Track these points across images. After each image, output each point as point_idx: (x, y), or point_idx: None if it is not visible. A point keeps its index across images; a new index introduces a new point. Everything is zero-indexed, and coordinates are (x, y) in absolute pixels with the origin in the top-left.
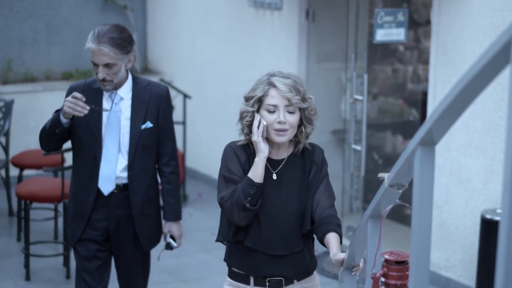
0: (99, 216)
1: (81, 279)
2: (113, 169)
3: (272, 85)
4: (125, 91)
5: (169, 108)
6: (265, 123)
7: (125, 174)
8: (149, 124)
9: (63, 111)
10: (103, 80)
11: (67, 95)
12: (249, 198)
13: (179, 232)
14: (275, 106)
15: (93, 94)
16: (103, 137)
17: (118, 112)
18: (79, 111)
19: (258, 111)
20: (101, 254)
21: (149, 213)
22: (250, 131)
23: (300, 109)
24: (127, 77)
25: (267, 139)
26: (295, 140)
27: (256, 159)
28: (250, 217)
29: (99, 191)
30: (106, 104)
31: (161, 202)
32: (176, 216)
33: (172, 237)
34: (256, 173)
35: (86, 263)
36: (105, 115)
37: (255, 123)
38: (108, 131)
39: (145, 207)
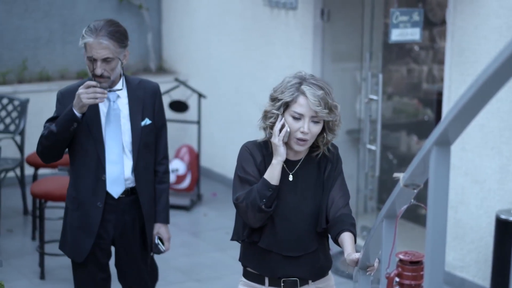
0: (106, 226)
1: None
2: (120, 170)
3: (302, 93)
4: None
5: (162, 104)
6: (288, 129)
7: (131, 176)
8: (147, 121)
9: (82, 104)
10: (101, 76)
11: (57, 101)
12: (264, 200)
13: (168, 234)
14: (301, 114)
15: None
16: (105, 137)
17: (117, 110)
18: (100, 97)
19: (283, 114)
20: (103, 276)
21: (153, 215)
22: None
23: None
24: (121, 75)
25: (286, 142)
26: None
27: (274, 161)
28: (264, 218)
29: (106, 196)
30: (102, 105)
31: None
32: (166, 219)
33: (160, 240)
34: (273, 175)
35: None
36: (103, 115)
37: (278, 125)
38: (109, 131)
39: (151, 208)
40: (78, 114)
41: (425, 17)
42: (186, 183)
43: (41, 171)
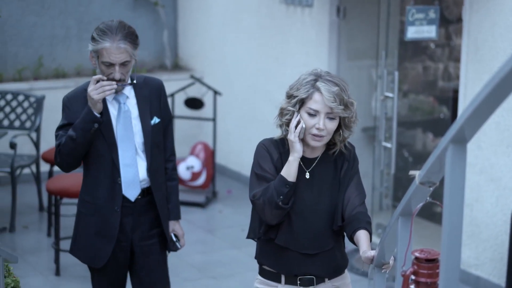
0: (124, 229)
1: None
2: (135, 173)
3: (317, 89)
4: (128, 89)
5: (167, 101)
6: (304, 126)
7: (146, 177)
8: (156, 119)
9: (94, 102)
10: (119, 80)
11: (64, 108)
12: (281, 197)
13: (182, 231)
14: (316, 111)
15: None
16: (117, 140)
17: (127, 112)
18: (109, 89)
19: (299, 111)
20: (122, 278)
21: (167, 213)
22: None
23: (341, 116)
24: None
25: (302, 138)
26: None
27: (290, 158)
28: (281, 215)
29: (123, 199)
30: (112, 107)
31: None
32: (179, 215)
33: (176, 237)
34: (290, 172)
35: None
36: (114, 117)
37: (294, 122)
38: (121, 133)
39: (165, 206)
40: (97, 114)
41: (441, 15)
42: (201, 180)
43: (57, 168)
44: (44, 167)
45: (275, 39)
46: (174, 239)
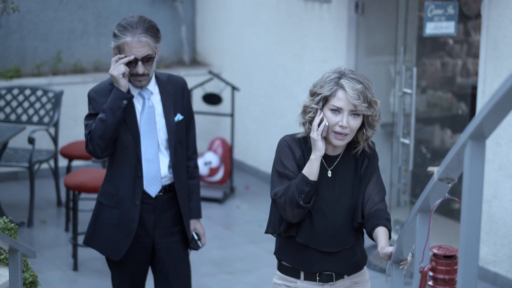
0: (145, 225)
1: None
2: (157, 169)
3: (341, 87)
4: (153, 85)
5: (190, 99)
6: (327, 123)
7: (168, 173)
8: (180, 117)
9: (116, 79)
10: (142, 75)
11: (91, 100)
12: (303, 196)
13: (203, 230)
14: (340, 108)
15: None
16: (141, 135)
17: (152, 108)
18: (125, 61)
19: (322, 108)
20: (142, 273)
21: (188, 211)
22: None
23: (364, 114)
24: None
25: (324, 137)
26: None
27: (312, 157)
28: (303, 214)
29: (144, 195)
30: (137, 102)
31: None
32: (199, 214)
33: (197, 235)
34: (311, 170)
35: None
36: (138, 112)
37: (317, 120)
38: (144, 128)
39: (187, 204)
40: (123, 89)
41: (459, 11)
42: (219, 175)
43: (75, 163)
44: (62, 162)
45: (294, 34)
46: (196, 237)
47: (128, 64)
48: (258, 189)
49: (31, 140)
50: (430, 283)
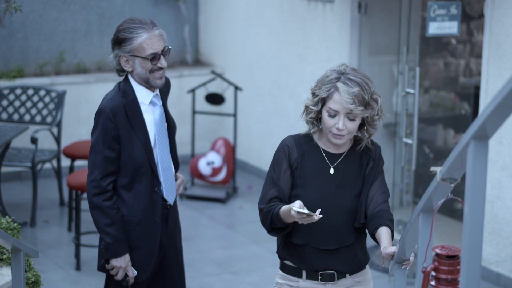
0: (161, 241)
1: None
2: (172, 175)
3: (337, 89)
4: (156, 90)
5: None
6: (306, 212)
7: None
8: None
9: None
10: (163, 69)
11: (106, 121)
12: (278, 228)
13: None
14: (336, 111)
15: (137, 105)
16: (156, 142)
17: (163, 114)
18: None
19: (321, 109)
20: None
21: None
22: (313, 125)
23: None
24: None
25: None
26: (356, 136)
27: (292, 213)
28: (280, 234)
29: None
30: (148, 114)
31: None
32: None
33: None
34: (287, 217)
35: None
36: (150, 122)
37: (294, 213)
38: (159, 136)
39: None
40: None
41: (462, 11)
42: (221, 175)
43: (78, 162)
44: (65, 162)
45: (297, 34)
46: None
47: (152, 60)
48: (261, 189)
49: (34, 140)
50: (433, 283)
